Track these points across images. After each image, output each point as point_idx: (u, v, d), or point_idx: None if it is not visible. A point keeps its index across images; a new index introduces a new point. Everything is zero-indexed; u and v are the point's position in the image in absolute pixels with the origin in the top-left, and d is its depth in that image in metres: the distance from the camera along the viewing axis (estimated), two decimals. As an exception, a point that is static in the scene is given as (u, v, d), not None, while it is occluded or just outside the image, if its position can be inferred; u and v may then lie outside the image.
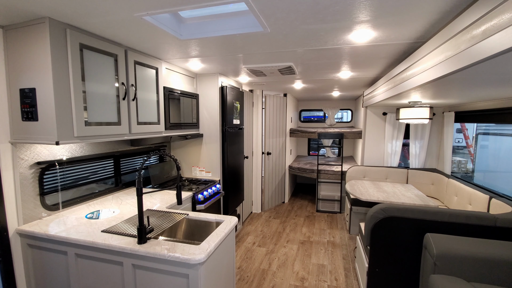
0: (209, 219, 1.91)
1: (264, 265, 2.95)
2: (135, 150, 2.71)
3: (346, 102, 6.09)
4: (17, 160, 1.69)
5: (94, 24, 1.59)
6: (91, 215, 1.92)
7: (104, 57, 1.81)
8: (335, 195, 4.58)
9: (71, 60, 1.58)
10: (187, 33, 1.83)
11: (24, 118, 1.59)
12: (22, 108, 1.59)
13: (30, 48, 1.53)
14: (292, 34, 1.74)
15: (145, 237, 1.50)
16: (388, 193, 2.99)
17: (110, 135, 1.88)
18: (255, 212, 4.62)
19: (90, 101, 1.72)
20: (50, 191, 1.91)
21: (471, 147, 7.81)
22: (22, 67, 1.57)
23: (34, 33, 1.51)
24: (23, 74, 1.57)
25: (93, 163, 2.26)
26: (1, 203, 1.63)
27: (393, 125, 3.90)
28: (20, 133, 1.62)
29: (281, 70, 2.75)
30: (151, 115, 2.29)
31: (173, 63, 2.58)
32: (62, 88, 1.55)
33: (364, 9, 1.37)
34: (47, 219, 1.83)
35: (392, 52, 2.17)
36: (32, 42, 1.52)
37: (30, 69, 1.54)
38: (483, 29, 1.08)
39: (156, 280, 1.46)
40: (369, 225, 2.16)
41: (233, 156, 3.40)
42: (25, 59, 1.55)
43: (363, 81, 3.53)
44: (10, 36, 1.59)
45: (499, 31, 0.98)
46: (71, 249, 1.60)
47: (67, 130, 1.58)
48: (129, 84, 2.02)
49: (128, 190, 2.60)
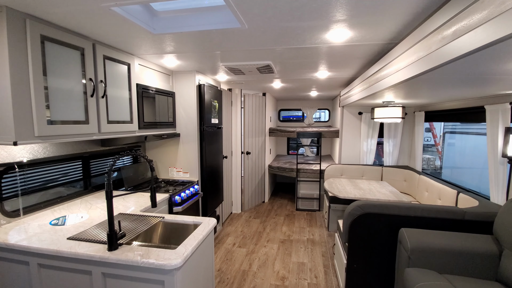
0: (186, 221, 1.84)
1: (245, 266, 2.91)
2: (106, 151, 2.56)
3: (323, 102, 6.21)
4: (-33, 163, 1.52)
5: (57, 14, 1.47)
6: (56, 221, 1.77)
7: (69, 50, 1.68)
8: (314, 193, 4.64)
9: (30, 54, 1.44)
10: (160, 27, 1.75)
11: (-25, 116, 1.43)
12: (-28, 105, 1.43)
13: (-18, 39, 1.38)
14: (270, 31, 1.72)
15: (116, 243, 1.41)
16: (364, 190, 3.08)
17: (77, 134, 1.75)
18: (235, 213, 4.57)
19: (53, 98, 1.58)
20: (9, 196, 1.74)
21: (438, 145, 8.30)
22: (-28, 60, 1.41)
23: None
24: (-27, 67, 1.41)
25: (58, 165, 2.09)
26: None
27: (368, 124, 4.03)
28: (-29, 132, 1.46)
29: (259, 68, 2.73)
30: (123, 113, 2.17)
31: (147, 59, 2.47)
32: (21, 84, 1.41)
33: (340, 7, 1.37)
34: (5, 227, 1.67)
35: (367, 53, 2.22)
36: (-16, 32, 1.37)
37: (-19, 61, 1.39)
38: (453, 29, 1.12)
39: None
40: (347, 222, 2.20)
41: (212, 156, 3.33)
42: (-24, 51, 1.40)
43: (340, 81, 3.61)
44: (-42, 24, 1.42)
45: (469, 31, 1.01)
46: (33, 259, 1.46)
47: (26, 129, 1.45)
48: (98, 80, 1.90)
49: (99, 194, 2.45)
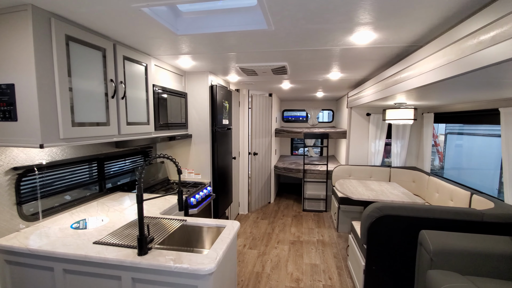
0: (209, 224, 1.82)
1: (258, 268, 2.90)
2: (120, 152, 2.53)
3: (328, 103, 6.22)
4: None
5: (83, 14, 1.44)
6: (77, 224, 1.74)
7: (92, 51, 1.65)
8: (321, 194, 4.65)
9: (56, 54, 1.41)
10: (183, 28, 1.72)
11: (0, 118, 1.39)
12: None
13: (7, 39, 1.34)
14: (295, 33, 1.71)
15: (146, 248, 1.38)
16: (377, 191, 3.08)
17: (98, 136, 1.72)
18: (242, 214, 4.55)
19: (77, 100, 1.55)
20: (28, 199, 1.70)
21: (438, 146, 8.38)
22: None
23: (13, 22, 1.33)
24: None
25: (75, 167, 2.06)
26: (-30, 215, 1.41)
27: (377, 125, 4.04)
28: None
29: (274, 69, 2.71)
30: (140, 115, 2.14)
31: (163, 59, 2.44)
32: (47, 85, 1.38)
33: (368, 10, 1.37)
34: (25, 231, 1.63)
35: (385, 55, 2.22)
36: (10, 32, 1.34)
37: (8, 62, 1.35)
38: (492, 34, 1.12)
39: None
40: (365, 224, 2.20)
41: (223, 157, 3.31)
42: (1, 51, 1.36)
43: (349, 82, 3.61)
44: (-20, 23, 1.38)
45: (510, 38, 1.01)
46: (58, 264, 1.43)
47: (52, 132, 1.41)
48: (118, 81, 1.87)
49: (113, 196, 2.41)
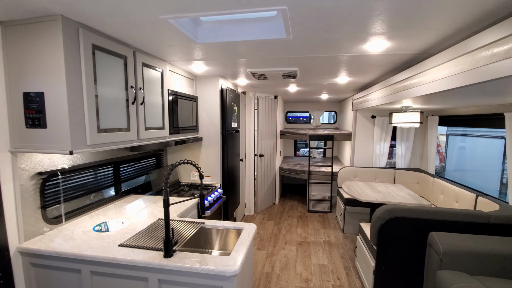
0: (227, 226, 1.87)
1: (267, 269, 2.95)
2: (135, 156, 2.57)
3: (331, 104, 6.28)
4: (17, 171, 1.52)
5: (109, 25, 1.48)
6: (99, 227, 1.79)
7: (115, 58, 1.69)
8: (326, 195, 4.71)
9: (84, 62, 1.46)
10: (203, 36, 1.77)
11: (29, 125, 1.44)
12: (26, 114, 1.44)
13: (37, 48, 1.39)
14: (311, 41, 1.76)
15: (171, 250, 1.43)
16: (383, 193, 3.15)
17: (120, 142, 1.77)
18: (248, 215, 4.60)
19: (102, 106, 1.60)
20: (51, 203, 1.75)
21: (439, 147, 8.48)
22: (26, 69, 1.42)
23: (43, 32, 1.37)
24: (27, 77, 1.42)
25: (94, 171, 2.10)
26: (1, 219, 1.46)
27: (382, 127, 4.11)
28: (23, 141, 1.47)
29: (284, 74, 2.77)
30: (156, 119, 2.19)
31: (177, 65, 2.49)
32: (75, 93, 1.43)
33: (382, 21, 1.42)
34: (50, 234, 1.68)
35: (395, 61, 2.28)
36: (40, 42, 1.38)
37: (37, 71, 1.40)
38: (506, 48, 1.18)
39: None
40: (375, 226, 2.26)
41: (232, 160, 3.36)
42: (31, 60, 1.41)
43: (354, 85, 3.67)
44: (10, 33, 1.43)
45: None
46: (86, 266, 1.48)
47: (80, 138, 1.46)
48: (138, 87, 1.92)
49: (128, 198, 2.46)
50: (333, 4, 1.22)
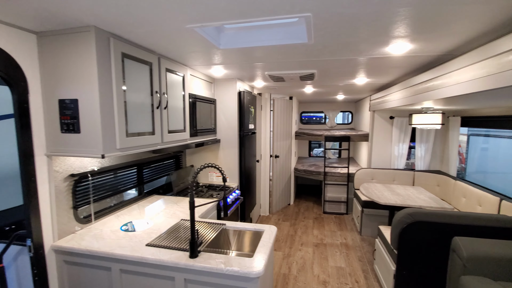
0: (247, 228, 1.90)
1: (284, 270, 2.97)
2: (156, 158, 2.66)
3: (346, 104, 6.21)
4: (52, 173, 1.62)
5: (138, 34, 1.55)
6: (125, 227, 1.86)
7: (141, 65, 1.76)
8: (342, 196, 4.67)
9: (114, 70, 1.53)
10: (225, 42, 1.81)
11: (64, 130, 1.53)
12: (61, 120, 1.52)
13: (71, 57, 1.47)
14: (332, 45, 1.76)
15: (196, 251, 1.48)
16: (403, 196, 3.09)
17: (145, 145, 1.84)
18: (263, 215, 4.64)
19: (130, 112, 1.67)
20: (82, 203, 1.84)
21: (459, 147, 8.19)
22: (61, 77, 1.50)
23: (77, 42, 1.45)
24: (62, 84, 1.50)
25: (120, 172, 2.19)
26: (37, 218, 1.55)
27: (400, 128, 4.03)
28: (58, 145, 1.56)
29: (302, 76, 2.77)
30: (178, 122, 2.25)
31: (197, 69, 2.54)
32: (106, 99, 1.50)
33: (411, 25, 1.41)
34: (81, 233, 1.77)
35: (416, 62, 2.24)
36: (74, 51, 1.46)
37: (71, 79, 1.48)
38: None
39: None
40: (396, 229, 2.23)
41: (249, 161, 3.40)
42: (65, 69, 1.49)
43: (372, 86, 3.62)
44: (44, 43, 1.51)
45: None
46: (116, 264, 1.55)
47: (111, 142, 1.54)
48: (162, 92, 1.98)
49: (151, 198, 2.54)
50: (357, 10, 1.23)
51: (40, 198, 1.56)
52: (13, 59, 1.37)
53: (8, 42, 1.36)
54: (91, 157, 1.50)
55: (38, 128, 1.53)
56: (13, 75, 1.37)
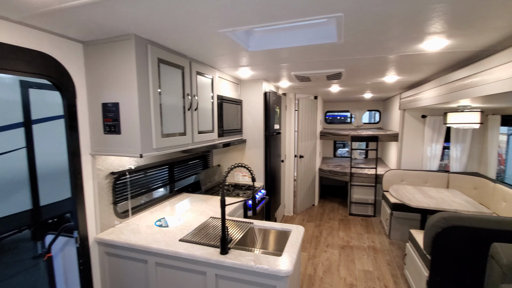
0: (274, 227, 1.93)
1: (310, 270, 2.96)
2: (186, 157, 2.77)
3: (374, 103, 6.01)
4: (95, 171, 1.75)
5: (173, 40, 1.63)
6: (159, 222, 1.97)
7: (175, 69, 1.85)
8: (369, 198, 4.54)
9: (151, 75, 1.62)
10: (254, 45, 1.85)
11: (106, 131, 1.65)
12: (104, 122, 1.65)
13: (113, 64, 1.58)
14: (362, 44, 1.73)
15: (227, 248, 1.54)
16: (436, 199, 2.95)
17: (178, 145, 1.93)
18: (287, 215, 4.63)
19: (165, 114, 1.76)
20: (121, 199, 1.97)
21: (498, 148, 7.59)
22: (104, 82, 1.62)
23: (118, 49, 1.56)
24: (105, 89, 1.62)
25: (153, 171, 2.32)
26: (83, 212, 1.69)
27: (433, 128, 3.83)
28: (101, 145, 1.68)
29: (329, 76, 2.74)
30: (207, 123, 2.33)
31: (225, 71, 2.61)
32: (144, 102, 1.60)
33: (442, 21, 1.35)
34: (120, 227, 1.90)
35: (452, 58, 2.13)
36: (115, 58, 1.57)
37: (113, 84, 1.60)
38: None
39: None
40: (430, 234, 2.14)
41: (274, 161, 3.42)
42: (107, 74, 1.61)
43: (402, 84, 3.48)
44: (89, 51, 1.64)
45: None
46: (152, 257, 1.65)
47: (148, 143, 1.63)
48: (193, 94, 2.07)
49: (181, 196, 2.66)
50: (391, 8, 1.20)
51: (85, 193, 1.70)
52: (63, 67, 1.51)
53: (59, 51, 1.50)
54: (130, 157, 1.61)
55: (84, 130, 1.67)
56: (63, 81, 1.51)
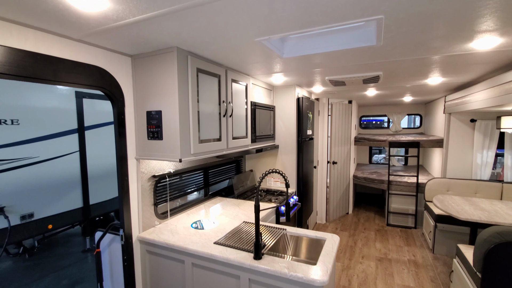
0: (308, 235, 1.89)
1: (344, 282, 2.84)
2: (220, 162, 2.85)
3: (414, 107, 5.65)
4: (140, 174, 1.88)
5: (211, 50, 1.71)
6: (195, 225, 2.05)
7: (212, 78, 1.93)
8: (409, 208, 4.24)
9: (190, 84, 1.72)
10: (288, 51, 1.86)
11: (150, 137, 1.77)
12: (148, 129, 1.77)
13: (157, 75, 1.70)
14: (403, 45, 1.65)
15: (260, 253, 1.54)
16: (489, 211, 2.67)
17: (214, 150, 2.00)
18: (319, 223, 4.51)
19: (202, 120, 1.84)
20: (161, 201, 2.09)
21: None
22: (148, 92, 1.75)
23: (161, 61, 1.68)
24: (150, 98, 1.75)
25: (190, 175, 2.42)
26: (128, 212, 1.82)
27: (484, 133, 3.49)
28: (145, 150, 1.81)
29: (365, 79, 2.65)
30: (241, 129, 2.38)
31: (258, 78, 2.66)
32: (184, 110, 1.69)
33: (494, 19, 1.24)
34: (159, 227, 2.01)
35: (505, 57, 1.93)
36: (159, 69, 1.69)
37: (156, 93, 1.71)
38: None
39: (273, 296, 1.48)
40: (481, 249, 1.94)
41: (306, 167, 3.37)
42: (152, 85, 1.73)
43: (447, 86, 3.23)
44: (137, 64, 1.79)
45: None
46: (188, 258, 1.72)
47: (186, 148, 1.72)
48: (228, 101, 2.13)
49: (214, 200, 2.73)
50: (437, 7, 1.14)
51: (131, 194, 1.83)
52: (114, 79, 1.66)
53: (111, 65, 1.65)
54: (170, 161, 1.71)
55: (131, 136, 1.81)
56: (115, 92, 1.66)
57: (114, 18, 1.20)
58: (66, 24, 1.26)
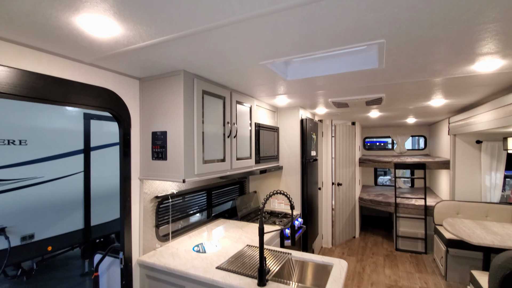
0: (314, 260, 1.82)
1: (353, 311, 2.68)
2: (223, 183, 2.82)
3: (418, 128, 5.65)
4: (142, 195, 1.87)
5: (217, 73, 1.76)
6: (197, 248, 1.99)
7: (217, 100, 1.97)
8: (418, 232, 4.10)
9: (196, 105, 1.75)
10: (292, 74, 1.91)
11: (154, 158, 1.77)
12: (153, 149, 1.78)
13: (163, 96, 1.74)
14: (405, 68, 1.68)
15: (265, 279, 1.48)
16: (502, 235, 2.56)
17: (217, 171, 1.99)
18: (325, 247, 4.36)
19: (206, 141, 1.85)
20: (162, 222, 2.05)
21: None
22: (155, 113, 1.78)
23: (168, 84, 1.72)
24: (156, 119, 1.77)
25: (193, 196, 2.39)
26: (129, 234, 1.78)
27: (491, 154, 3.44)
28: (149, 170, 1.81)
29: (368, 101, 2.68)
30: (245, 150, 2.38)
31: (262, 100, 2.70)
32: (189, 131, 1.71)
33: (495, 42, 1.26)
34: (160, 250, 1.95)
35: (508, 79, 1.95)
36: (165, 91, 1.73)
37: (162, 114, 1.74)
38: None
39: (279, 327, 1.40)
40: (496, 276, 1.84)
41: (311, 188, 3.32)
42: (158, 106, 1.76)
43: (450, 107, 3.24)
44: (144, 86, 1.84)
45: None
46: (189, 284, 1.65)
47: (190, 169, 1.71)
48: (232, 122, 2.15)
49: (217, 222, 2.67)
50: (438, 32, 1.17)
51: (132, 215, 1.80)
52: (122, 101, 1.70)
53: (120, 87, 1.70)
54: (174, 181, 1.70)
55: (135, 156, 1.82)
56: (122, 113, 1.69)
57: (125, 43, 1.25)
58: (79, 48, 1.32)
